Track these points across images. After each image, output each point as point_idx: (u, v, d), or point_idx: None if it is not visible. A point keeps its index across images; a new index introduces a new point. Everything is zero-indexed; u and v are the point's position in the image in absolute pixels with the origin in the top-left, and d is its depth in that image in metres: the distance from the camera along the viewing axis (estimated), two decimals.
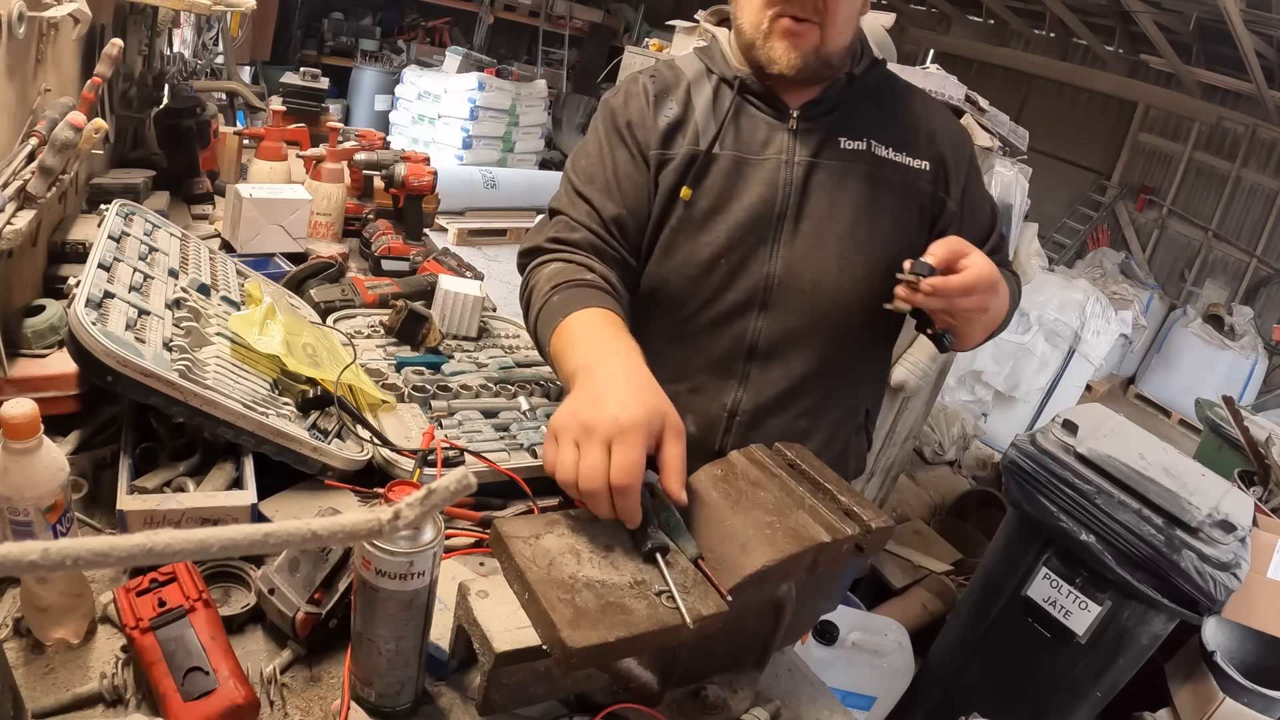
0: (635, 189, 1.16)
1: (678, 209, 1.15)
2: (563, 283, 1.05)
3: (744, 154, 1.15)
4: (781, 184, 1.13)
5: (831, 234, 1.14)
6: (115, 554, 0.34)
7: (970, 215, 1.22)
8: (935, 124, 1.21)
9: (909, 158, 1.17)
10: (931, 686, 2.32)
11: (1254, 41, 5.02)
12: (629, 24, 8.73)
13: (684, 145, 1.15)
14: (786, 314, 1.15)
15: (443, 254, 1.90)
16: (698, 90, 1.18)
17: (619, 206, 1.15)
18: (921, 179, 1.17)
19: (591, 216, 1.15)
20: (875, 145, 1.16)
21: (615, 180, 1.16)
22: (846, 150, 1.15)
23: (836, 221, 1.14)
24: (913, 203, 1.17)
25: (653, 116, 1.16)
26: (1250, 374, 5.65)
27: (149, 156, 2.03)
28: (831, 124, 1.15)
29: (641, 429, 0.77)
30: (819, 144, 1.14)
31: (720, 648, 0.86)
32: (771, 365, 1.18)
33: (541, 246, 1.15)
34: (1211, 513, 1.89)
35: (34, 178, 1.04)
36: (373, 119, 6.83)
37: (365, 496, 1.04)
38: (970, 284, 0.99)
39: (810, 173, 1.14)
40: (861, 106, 1.17)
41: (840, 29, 1.09)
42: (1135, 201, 6.97)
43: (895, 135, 1.17)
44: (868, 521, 0.84)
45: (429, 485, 0.43)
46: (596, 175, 1.17)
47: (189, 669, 0.71)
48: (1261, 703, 1.97)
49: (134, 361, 0.89)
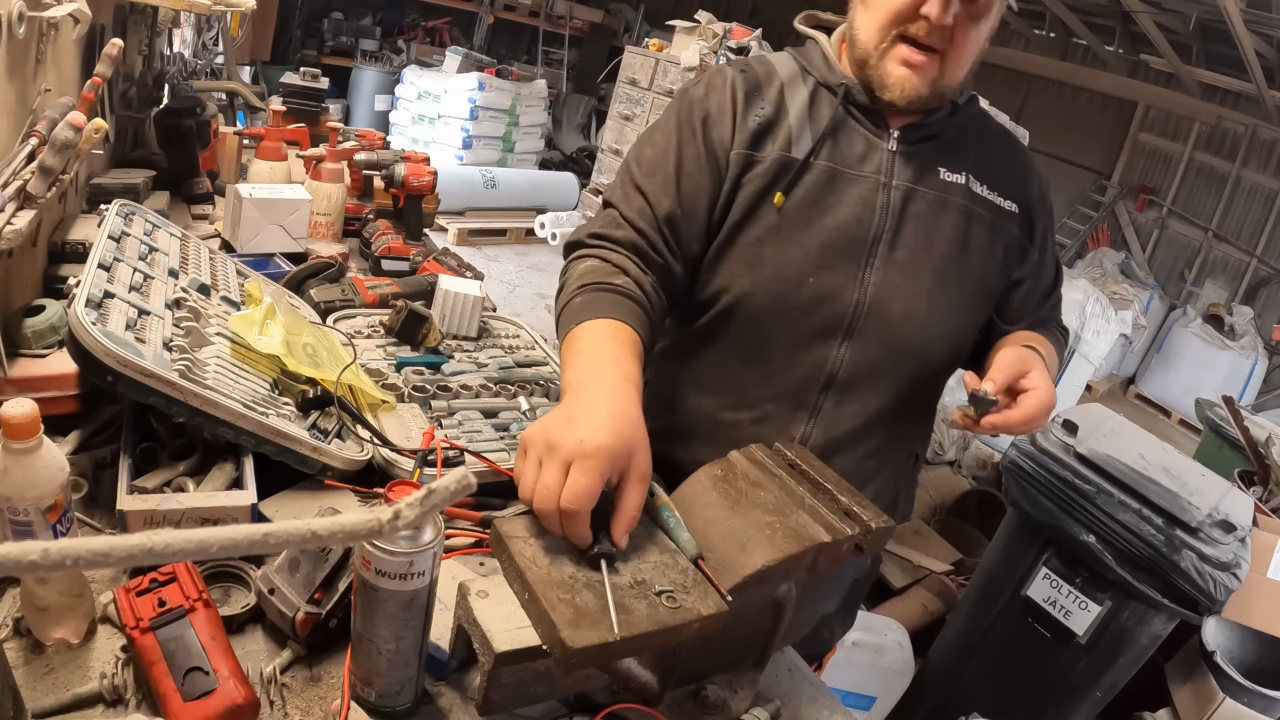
0: (696, 189, 1.09)
1: (766, 216, 1.08)
2: (590, 284, 1.00)
3: (840, 166, 1.08)
4: (879, 206, 1.08)
5: (925, 266, 1.09)
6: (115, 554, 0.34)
7: (1044, 269, 1.20)
8: (1025, 168, 1.18)
9: (1001, 198, 1.13)
10: (931, 686, 2.32)
11: (1254, 41, 5.03)
12: (629, 24, 8.73)
13: (775, 149, 1.08)
14: (870, 345, 1.10)
15: (443, 254, 1.90)
16: (792, 92, 1.11)
17: (675, 204, 1.08)
18: (1011, 222, 1.14)
19: (644, 213, 1.08)
20: (973, 180, 1.12)
21: (676, 176, 1.09)
22: (945, 181, 1.10)
23: (931, 254, 1.09)
24: (1000, 244, 1.14)
25: (740, 114, 1.09)
26: (1250, 374, 5.65)
27: (149, 156, 2.03)
28: (932, 151, 1.11)
29: (603, 457, 0.74)
30: (918, 170, 1.10)
31: (720, 648, 0.86)
32: (847, 399, 1.13)
33: (584, 241, 1.09)
34: (1211, 513, 1.89)
35: (34, 178, 1.04)
36: (373, 119, 6.83)
37: (365, 496, 1.04)
38: (1030, 418, 0.98)
39: (908, 198, 1.09)
40: (961, 138, 1.13)
41: (962, 63, 1.03)
42: (1135, 201, 6.97)
43: (991, 173, 1.14)
44: (868, 521, 0.84)
45: (429, 485, 0.43)
46: (658, 168, 1.09)
47: (189, 669, 0.71)
48: (1261, 703, 1.97)
49: (134, 361, 0.89)
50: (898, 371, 1.13)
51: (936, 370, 1.18)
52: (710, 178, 1.09)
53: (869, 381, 1.12)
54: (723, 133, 1.09)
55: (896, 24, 1.01)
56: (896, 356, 1.11)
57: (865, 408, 1.14)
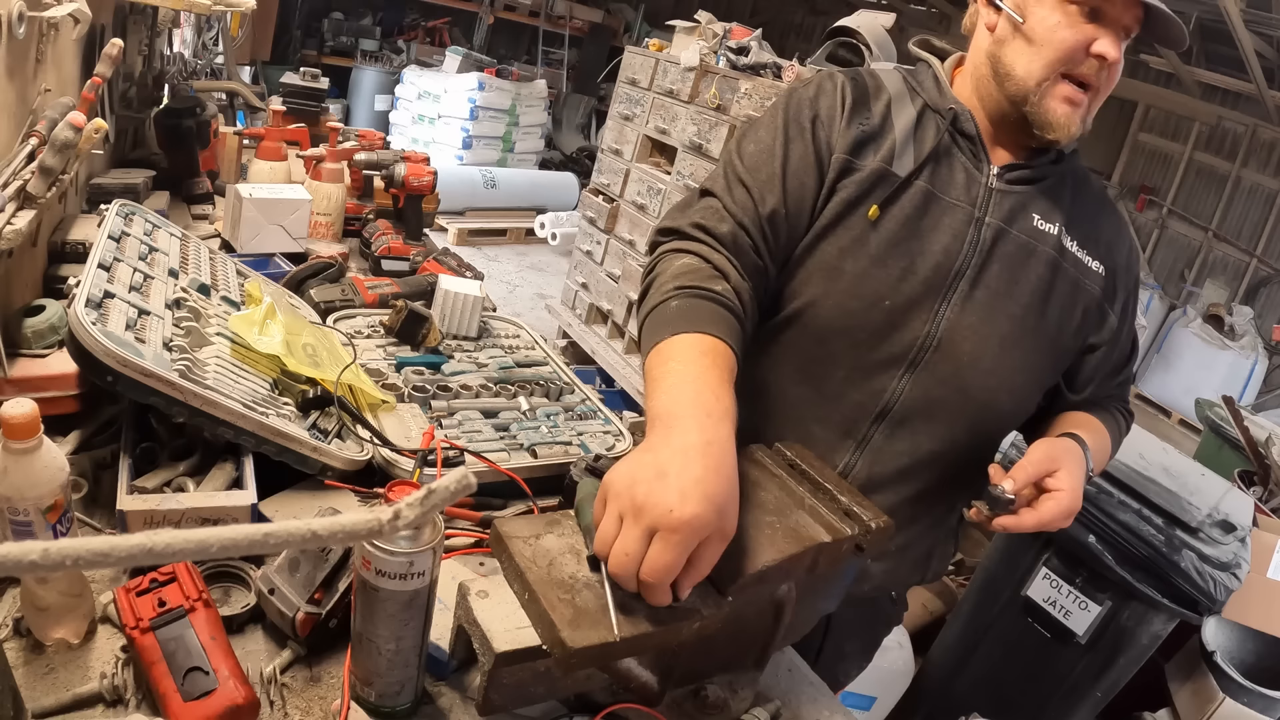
0: (801, 189, 1.04)
1: (854, 228, 1.04)
2: (689, 287, 0.93)
3: (938, 192, 1.05)
4: (968, 240, 1.04)
5: (1003, 311, 1.05)
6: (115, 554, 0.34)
7: (1119, 340, 1.16)
8: (1118, 232, 1.14)
9: (1090, 258, 1.09)
10: (931, 686, 2.32)
11: (1254, 41, 5.03)
12: (629, 24, 8.73)
13: (875, 160, 1.04)
14: (932, 382, 1.06)
15: (443, 254, 1.90)
16: (899, 109, 1.08)
17: (780, 203, 1.03)
18: (1096, 283, 1.10)
19: (747, 208, 1.03)
20: (1065, 234, 1.08)
21: (783, 174, 1.04)
22: (1038, 229, 1.07)
23: (1011, 300, 1.05)
24: (1080, 305, 1.09)
25: (845, 119, 1.06)
26: (1250, 374, 5.65)
27: (149, 156, 2.03)
28: (1028, 196, 1.07)
29: (692, 532, 0.67)
30: (1012, 212, 1.06)
31: (720, 648, 0.86)
32: (899, 435, 1.09)
33: (682, 230, 1.03)
34: (1211, 513, 1.89)
35: (34, 178, 1.04)
36: (373, 119, 6.83)
37: (365, 496, 1.04)
38: (1044, 523, 0.96)
39: (999, 238, 1.05)
40: (1060, 188, 1.10)
41: (1103, 100, 1.02)
42: (1135, 201, 6.96)
43: (1083, 230, 1.10)
44: (868, 521, 0.84)
45: (429, 485, 0.43)
46: (763, 164, 1.05)
47: (189, 669, 0.71)
48: (1261, 703, 1.97)
49: (134, 361, 0.89)
50: (956, 415, 1.09)
51: (994, 422, 1.13)
52: (815, 179, 1.05)
53: (924, 420, 1.08)
54: (830, 135, 1.06)
55: (1065, 63, 0.98)
56: (957, 398, 1.07)
57: (916, 447, 1.10)
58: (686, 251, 0.99)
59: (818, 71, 1.17)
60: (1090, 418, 1.15)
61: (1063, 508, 0.96)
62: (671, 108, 3.81)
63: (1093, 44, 0.96)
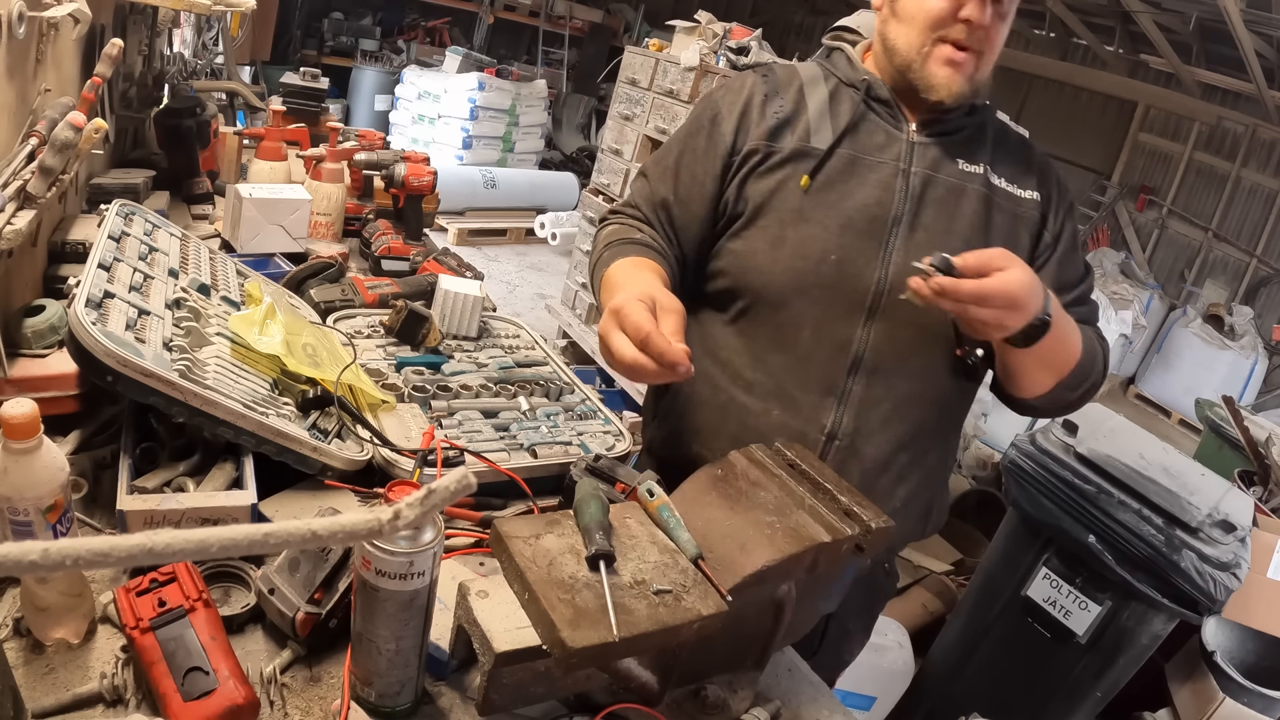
0: (692, 179, 1.18)
1: (789, 200, 1.13)
2: (615, 240, 1.16)
3: (860, 154, 1.14)
4: (898, 189, 1.13)
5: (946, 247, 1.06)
6: (115, 554, 0.34)
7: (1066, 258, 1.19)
8: (1046, 166, 1.22)
9: (1019, 189, 1.17)
10: (931, 686, 2.32)
11: (1254, 41, 5.02)
12: (629, 24, 8.73)
13: (793, 140, 1.15)
14: (895, 325, 1.12)
15: (443, 254, 1.90)
16: (812, 90, 1.19)
17: (669, 191, 1.20)
18: (1032, 208, 1.17)
19: (643, 194, 1.24)
20: (991, 173, 1.16)
21: (676, 166, 1.20)
22: (964, 171, 1.15)
23: (952, 236, 1.12)
24: (1024, 231, 1.17)
25: (759, 112, 1.17)
26: (1250, 374, 5.65)
27: (149, 156, 2.03)
28: (950, 145, 1.16)
29: (631, 301, 0.87)
30: (937, 160, 1.14)
31: (720, 648, 0.86)
32: (875, 382, 1.14)
33: (605, 216, 1.28)
34: (1211, 513, 1.89)
35: (34, 178, 1.04)
36: (373, 119, 6.82)
37: (365, 496, 1.04)
38: (984, 293, 0.92)
39: (927, 185, 1.13)
40: (979, 137, 1.18)
41: (993, 59, 1.10)
42: (1135, 201, 6.96)
43: (1008, 168, 1.18)
44: (868, 521, 0.84)
45: (429, 485, 0.43)
46: (664, 157, 1.24)
47: (189, 669, 0.71)
48: (1261, 703, 1.97)
49: (134, 361, 0.89)
50: (925, 352, 1.14)
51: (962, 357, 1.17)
52: (710, 168, 1.17)
53: (896, 363, 1.14)
54: (730, 128, 1.17)
55: (936, 29, 1.07)
56: (921, 335, 1.12)
57: (894, 390, 1.15)
58: (610, 223, 1.23)
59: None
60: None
61: (1008, 287, 0.93)
62: (671, 108, 3.81)
63: (959, 9, 1.05)
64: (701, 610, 0.73)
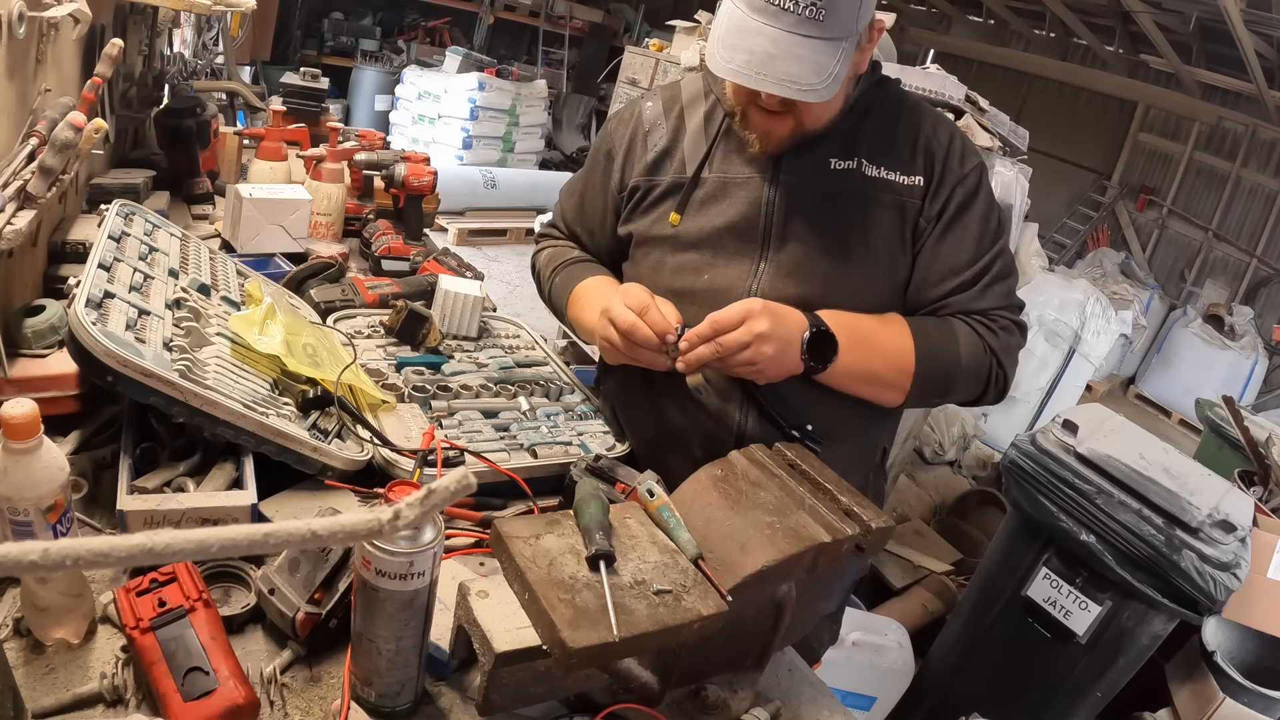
0: (594, 210, 1.32)
1: (665, 229, 1.20)
2: (561, 263, 1.32)
3: (729, 174, 1.17)
4: (764, 202, 1.14)
5: (818, 251, 1.13)
6: (115, 554, 0.34)
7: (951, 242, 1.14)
8: (933, 139, 1.15)
9: (900, 175, 1.14)
10: (931, 686, 2.32)
11: (1254, 41, 5.03)
12: (629, 24, 8.73)
13: (670, 173, 1.21)
14: None
15: (443, 254, 1.90)
16: (691, 112, 1.22)
17: (576, 219, 1.36)
18: (913, 195, 1.14)
19: (561, 221, 1.40)
20: (866, 165, 1.14)
21: (583, 198, 1.34)
22: (835, 171, 1.14)
23: (824, 240, 1.13)
24: (904, 221, 1.14)
25: (641, 148, 1.24)
26: (1250, 374, 5.65)
27: (149, 156, 2.03)
28: (821, 145, 1.14)
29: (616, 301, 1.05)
30: (806, 165, 1.14)
31: (720, 648, 0.86)
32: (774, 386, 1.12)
33: (538, 239, 1.45)
34: (1211, 513, 1.89)
35: (34, 178, 1.04)
36: (373, 119, 6.82)
37: (365, 496, 1.04)
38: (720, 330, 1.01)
39: (793, 193, 1.14)
40: (859, 126, 1.15)
41: (816, 116, 1.09)
42: (1135, 201, 6.97)
43: (888, 153, 1.14)
44: (868, 521, 0.84)
45: (429, 485, 0.43)
46: (576, 187, 1.37)
47: (189, 669, 0.71)
48: (1261, 703, 1.97)
49: (134, 361, 0.89)
50: None
51: None
52: (604, 202, 1.30)
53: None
54: (618, 165, 1.26)
55: (740, 103, 1.11)
56: None
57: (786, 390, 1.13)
58: (545, 249, 1.40)
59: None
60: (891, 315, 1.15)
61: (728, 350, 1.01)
62: None
63: (753, 99, 1.08)
64: (701, 610, 0.73)
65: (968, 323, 1.15)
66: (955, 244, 1.15)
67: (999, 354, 1.15)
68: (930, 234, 1.15)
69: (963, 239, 1.15)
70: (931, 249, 1.15)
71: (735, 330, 1.01)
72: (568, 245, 1.38)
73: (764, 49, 0.96)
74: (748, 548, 0.79)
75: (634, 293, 1.08)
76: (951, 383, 1.15)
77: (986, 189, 1.18)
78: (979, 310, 1.16)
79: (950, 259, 1.15)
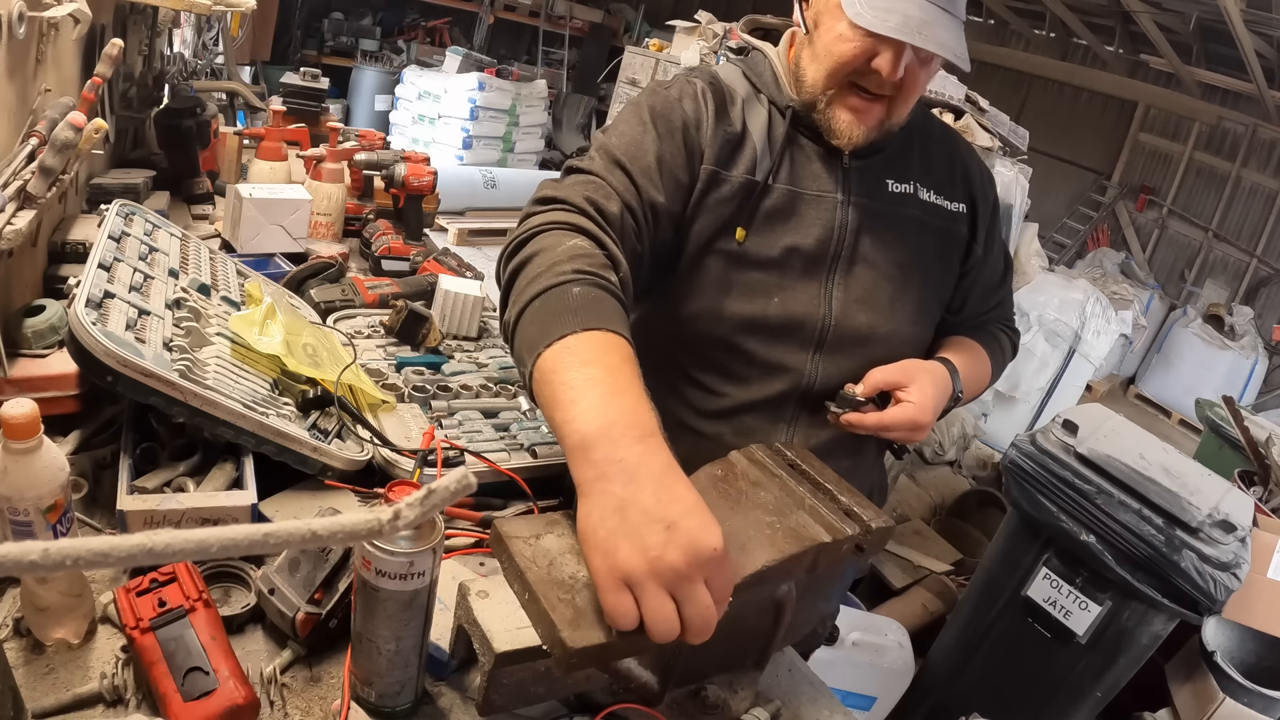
0: (677, 188, 1.04)
1: (730, 244, 1.07)
2: (588, 273, 0.83)
3: (799, 189, 1.09)
4: (837, 225, 1.10)
5: (884, 277, 1.12)
6: (115, 554, 0.34)
7: (989, 263, 1.24)
8: (969, 165, 1.21)
9: (947, 201, 1.17)
10: (931, 686, 2.32)
11: (1254, 41, 5.02)
12: (629, 24, 8.73)
13: (741, 170, 1.07)
14: (842, 357, 1.12)
15: (443, 254, 1.90)
16: (751, 112, 1.11)
17: (659, 194, 1.01)
18: (959, 222, 1.18)
19: (629, 192, 0.98)
20: (920, 189, 1.15)
21: (659, 168, 1.01)
22: (895, 193, 1.13)
23: (890, 264, 1.13)
24: (952, 246, 1.19)
25: (713, 126, 1.06)
26: (1250, 374, 5.65)
27: (149, 156, 2.03)
28: (881, 165, 1.13)
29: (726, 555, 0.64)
30: (871, 186, 1.12)
31: (720, 648, 0.86)
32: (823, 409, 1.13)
33: (570, 200, 0.94)
34: (1211, 513, 1.89)
35: (34, 178, 1.04)
36: (373, 119, 6.82)
37: (365, 496, 1.04)
38: (886, 424, 1.06)
39: (864, 215, 1.11)
40: (906, 148, 1.15)
41: (909, 104, 1.05)
42: (1135, 201, 6.96)
43: (935, 178, 1.17)
44: (868, 521, 0.84)
45: (429, 485, 0.43)
46: (639, 155, 1.01)
47: (189, 669, 0.71)
48: (1261, 703, 1.97)
49: (134, 361, 0.89)
50: None
51: None
52: (689, 180, 1.05)
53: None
54: (700, 140, 1.06)
55: (846, 75, 1.01)
56: (868, 365, 1.12)
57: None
58: (575, 229, 0.91)
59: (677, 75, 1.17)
60: (969, 341, 1.25)
61: (908, 416, 1.05)
62: None
63: (873, 58, 0.98)
64: None
65: (1004, 331, 1.33)
66: (993, 268, 1.25)
67: (1016, 351, 1.37)
68: (984, 263, 1.22)
69: (997, 263, 1.26)
70: (975, 273, 1.23)
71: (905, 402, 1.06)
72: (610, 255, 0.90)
73: (916, 14, 0.94)
74: (748, 548, 0.78)
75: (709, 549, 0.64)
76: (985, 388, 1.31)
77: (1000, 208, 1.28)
78: (1003, 319, 1.34)
79: (989, 281, 1.26)
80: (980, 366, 1.24)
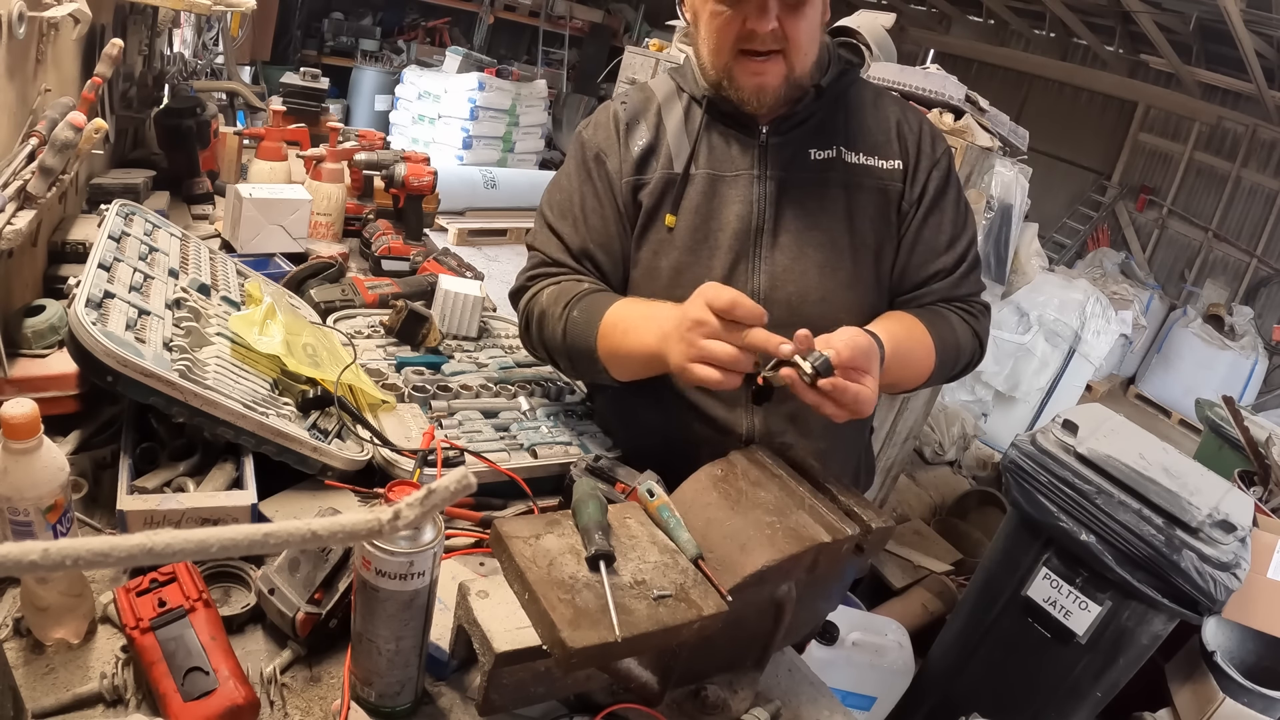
0: (602, 223, 1.20)
1: (659, 233, 1.17)
2: (574, 297, 1.12)
3: (718, 171, 1.16)
4: (755, 199, 1.15)
5: (810, 244, 1.14)
6: (115, 554, 0.34)
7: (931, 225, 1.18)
8: (904, 124, 1.20)
9: (879, 160, 1.17)
10: (931, 686, 2.32)
11: (1254, 41, 5.02)
12: (629, 24, 8.73)
13: (658, 169, 1.17)
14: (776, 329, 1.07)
15: (443, 254, 1.90)
16: (669, 111, 1.20)
17: (584, 240, 1.20)
18: (894, 178, 1.18)
19: (562, 250, 1.21)
20: (845, 152, 1.16)
21: (583, 215, 1.20)
22: (816, 161, 1.16)
23: (815, 231, 1.14)
24: (890, 205, 1.18)
25: (624, 146, 1.19)
26: (1250, 374, 5.65)
27: (149, 156, 2.03)
28: (801, 137, 1.16)
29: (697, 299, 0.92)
30: (789, 158, 1.15)
31: (720, 648, 0.86)
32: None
33: (525, 285, 1.24)
34: (1211, 513, 1.89)
35: (34, 178, 1.04)
36: (373, 119, 6.82)
37: (365, 496, 1.04)
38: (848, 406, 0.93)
39: (782, 187, 1.15)
40: (832, 115, 1.18)
41: (805, 51, 1.09)
42: (1135, 201, 6.97)
43: (868, 140, 1.18)
44: (868, 521, 0.84)
45: (429, 485, 0.43)
46: (567, 210, 1.22)
47: (189, 669, 0.71)
48: (1261, 703, 1.97)
49: (134, 361, 0.89)
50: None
51: None
52: (612, 209, 1.19)
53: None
54: (614, 165, 1.19)
55: (731, 45, 1.07)
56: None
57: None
58: (542, 290, 1.18)
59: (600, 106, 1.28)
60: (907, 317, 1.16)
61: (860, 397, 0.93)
62: None
63: (743, 23, 1.04)
64: (702, 610, 0.73)
65: (956, 312, 1.22)
66: (935, 227, 1.20)
67: (981, 338, 1.25)
68: (913, 218, 1.19)
69: (940, 222, 1.20)
70: (914, 233, 1.19)
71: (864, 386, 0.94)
72: (574, 279, 1.19)
73: None
74: (748, 548, 0.79)
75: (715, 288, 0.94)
76: (951, 372, 1.22)
77: (955, 173, 1.23)
78: (959, 297, 1.23)
79: (931, 242, 1.20)
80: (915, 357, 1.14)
